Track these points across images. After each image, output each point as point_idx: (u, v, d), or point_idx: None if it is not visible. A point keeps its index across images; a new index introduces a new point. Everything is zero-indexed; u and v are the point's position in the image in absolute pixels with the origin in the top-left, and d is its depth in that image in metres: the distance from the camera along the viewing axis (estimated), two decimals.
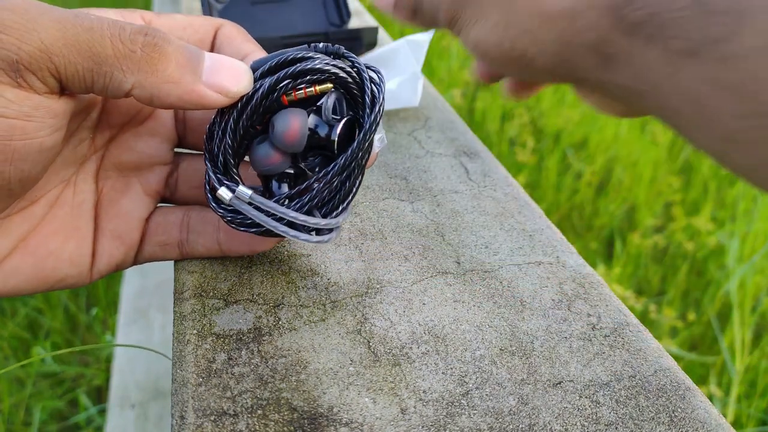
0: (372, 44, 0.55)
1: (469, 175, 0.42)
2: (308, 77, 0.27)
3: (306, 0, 0.58)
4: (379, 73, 0.29)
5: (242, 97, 0.27)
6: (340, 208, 0.29)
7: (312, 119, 0.28)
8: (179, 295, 0.31)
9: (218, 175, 0.28)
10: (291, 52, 0.27)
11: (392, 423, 0.25)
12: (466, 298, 0.31)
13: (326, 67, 0.27)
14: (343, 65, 0.28)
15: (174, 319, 0.29)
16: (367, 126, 0.27)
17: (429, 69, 1.85)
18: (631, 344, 0.30)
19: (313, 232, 0.28)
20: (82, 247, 0.29)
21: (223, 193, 0.27)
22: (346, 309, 0.30)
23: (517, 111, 1.72)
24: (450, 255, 0.34)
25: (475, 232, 0.36)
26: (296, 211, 0.27)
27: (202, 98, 0.25)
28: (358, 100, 0.29)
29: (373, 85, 0.28)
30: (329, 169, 0.27)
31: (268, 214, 0.27)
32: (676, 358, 1.11)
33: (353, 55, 0.29)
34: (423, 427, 0.25)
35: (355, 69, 0.28)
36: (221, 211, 0.28)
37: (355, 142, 0.27)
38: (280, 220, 0.27)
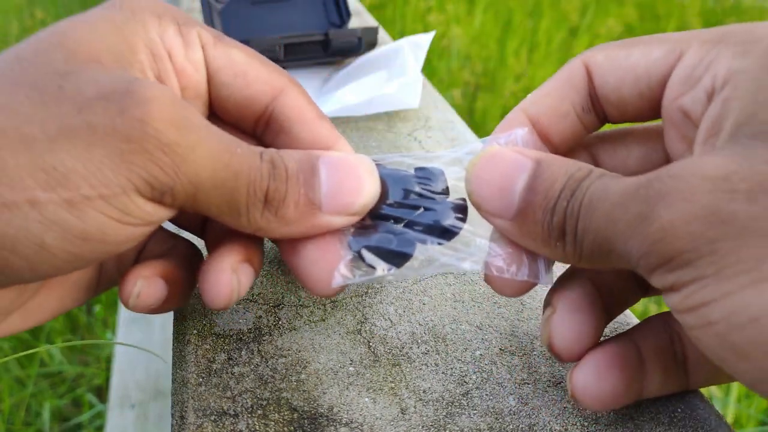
0: (372, 44, 0.55)
1: None
2: None
3: (306, 0, 0.58)
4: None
5: None
6: None
7: None
8: None
9: None
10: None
11: (392, 423, 0.25)
12: (466, 298, 0.31)
13: None
14: None
15: (174, 319, 0.29)
16: None
17: (429, 69, 1.85)
18: None
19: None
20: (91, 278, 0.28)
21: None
22: (346, 309, 0.30)
23: None
24: None
25: None
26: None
27: (328, 228, 0.25)
28: None
29: None
30: None
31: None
32: None
33: None
34: (423, 427, 0.25)
35: None
36: None
37: None
38: None
